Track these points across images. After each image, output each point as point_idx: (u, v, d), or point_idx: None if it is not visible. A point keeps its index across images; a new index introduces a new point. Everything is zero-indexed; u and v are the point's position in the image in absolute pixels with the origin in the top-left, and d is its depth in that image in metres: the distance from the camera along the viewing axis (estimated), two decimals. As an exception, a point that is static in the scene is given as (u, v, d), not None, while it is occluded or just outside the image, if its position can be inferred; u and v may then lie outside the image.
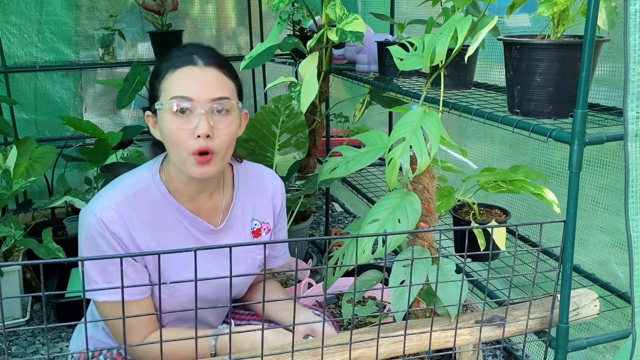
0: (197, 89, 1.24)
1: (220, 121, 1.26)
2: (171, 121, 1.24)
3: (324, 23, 2.00)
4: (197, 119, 1.23)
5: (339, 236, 1.17)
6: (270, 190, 1.49)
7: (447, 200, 1.50)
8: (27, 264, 0.82)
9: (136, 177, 1.34)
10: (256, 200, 1.47)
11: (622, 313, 1.67)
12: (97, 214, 1.24)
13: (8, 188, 2.10)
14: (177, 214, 1.33)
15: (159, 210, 1.31)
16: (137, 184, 1.31)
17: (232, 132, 1.29)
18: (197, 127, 1.22)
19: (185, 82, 1.25)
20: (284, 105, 1.98)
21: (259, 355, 1.04)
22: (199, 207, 1.36)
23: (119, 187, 1.31)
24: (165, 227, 1.32)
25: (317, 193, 2.80)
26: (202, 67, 1.27)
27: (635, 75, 1.00)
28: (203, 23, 3.55)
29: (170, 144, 1.26)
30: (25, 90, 3.15)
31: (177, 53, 1.30)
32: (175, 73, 1.26)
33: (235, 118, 1.29)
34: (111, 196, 1.28)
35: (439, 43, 1.19)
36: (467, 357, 1.30)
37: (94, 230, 1.24)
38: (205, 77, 1.26)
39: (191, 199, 1.35)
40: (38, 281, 2.41)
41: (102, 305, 1.28)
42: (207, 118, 1.23)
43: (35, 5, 3.08)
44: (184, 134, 1.23)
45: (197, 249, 0.89)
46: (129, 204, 1.28)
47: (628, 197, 1.04)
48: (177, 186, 1.33)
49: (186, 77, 1.26)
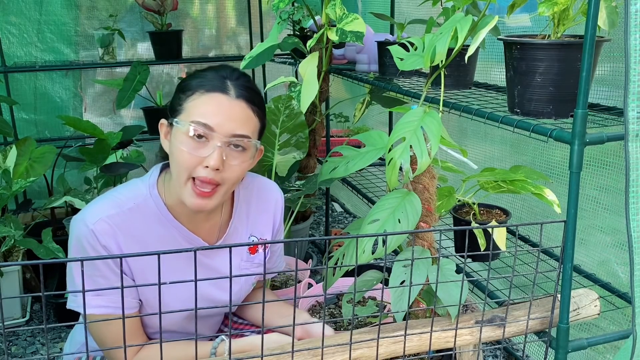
0: (221, 120, 1.19)
1: (234, 157, 1.21)
2: (184, 143, 1.19)
3: (324, 23, 2.00)
4: (211, 150, 1.18)
5: (339, 236, 1.17)
6: (272, 205, 1.45)
7: (448, 200, 1.50)
8: (27, 264, 0.82)
9: (132, 190, 1.29)
10: (256, 216, 1.42)
11: (622, 313, 1.67)
12: (89, 225, 1.20)
13: (8, 188, 2.10)
14: (173, 230, 1.29)
15: (154, 226, 1.27)
16: (133, 198, 1.26)
17: (243, 169, 1.24)
18: (209, 158, 1.17)
19: (210, 110, 1.20)
20: (284, 105, 1.98)
21: (259, 355, 1.03)
22: (196, 224, 1.32)
23: (113, 199, 1.26)
24: (158, 245, 1.27)
25: (317, 193, 2.80)
26: (232, 98, 1.21)
27: (636, 75, 0.99)
28: (203, 23, 3.55)
29: (176, 163, 1.22)
30: (25, 90, 3.15)
31: (210, 74, 1.24)
32: (204, 96, 1.21)
33: (250, 156, 1.25)
34: (104, 208, 1.23)
35: (439, 43, 1.19)
36: (468, 357, 1.30)
37: (85, 240, 1.20)
38: (233, 110, 1.21)
39: (188, 216, 1.30)
40: (38, 281, 2.41)
41: (89, 319, 1.22)
42: (222, 151, 1.18)
43: (35, 5, 3.08)
44: (193, 159, 1.18)
45: (197, 249, 0.89)
46: (122, 217, 1.23)
47: (628, 197, 1.04)
48: (174, 203, 1.28)
49: (213, 104, 1.20)
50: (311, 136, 2.38)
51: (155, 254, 0.84)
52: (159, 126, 1.29)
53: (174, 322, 1.34)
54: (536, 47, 1.21)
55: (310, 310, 1.91)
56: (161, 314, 0.88)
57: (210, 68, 1.27)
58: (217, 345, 1.27)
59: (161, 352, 0.94)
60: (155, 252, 0.84)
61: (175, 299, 1.30)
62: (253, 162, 1.29)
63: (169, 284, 0.88)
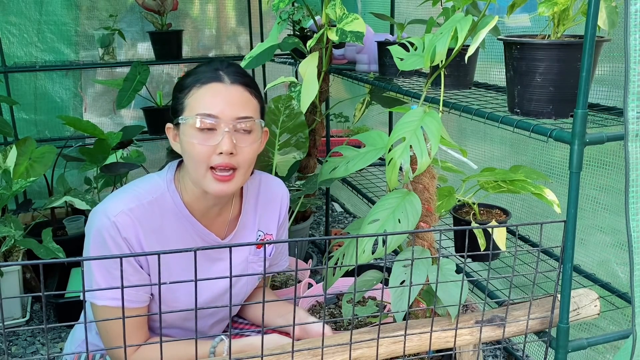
0: (222, 107, 1.24)
1: (243, 139, 1.26)
2: (194, 136, 1.24)
3: (324, 23, 2.00)
4: (220, 136, 1.23)
5: (339, 236, 1.17)
6: (278, 200, 1.50)
7: (447, 200, 1.50)
8: (27, 264, 0.82)
9: (150, 184, 1.33)
10: (263, 211, 1.47)
11: (622, 313, 1.67)
12: (110, 217, 1.23)
13: (8, 188, 2.10)
14: (188, 225, 1.33)
15: (170, 220, 1.31)
16: (151, 192, 1.30)
17: (254, 150, 1.29)
18: (220, 144, 1.22)
19: (210, 99, 1.25)
20: (284, 105, 1.98)
21: (259, 355, 1.04)
22: (210, 220, 1.37)
23: (133, 192, 1.30)
24: (174, 238, 1.32)
25: (317, 193, 2.80)
26: (228, 84, 1.27)
27: (636, 75, 0.99)
28: (203, 23, 3.55)
29: (190, 158, 1.26)
30: (25, 90, 3.15)
31: (202, 69, 1.30)
32: (201, 89, 1.26)
33: (257, 137, 1.30)
34: (125, 201, 1.27)
35: (439, 43, 1.19)
36: (468, 357, 1.30)
37: (106, 232, 1.23)
38: (231, 95, 1.26)
39: (203, 212, 1.35)
40: (38, 281, 2.41)
41: (101, 310, 1.26)
42: (231, 136, 1.23)
43: (35, 5, 3.08)
44: (206, 149, 1.23)
45: (197, 249, 0.89)
46: (142, 211, 1.27)
47: (628, 197, 1.04)
48: (190, 199, 1.33)
49: (212, 94, 1.25)
50: (311, 136, 2.38)
51: (156, 254, 0.84)
52: (166, 131, 1.34)
53: (181, 316, 1.36)
54: (536, 47, 1.21)
55: (310, 310, 1.91)
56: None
57: (201, 64, 1.32)
58: (216, 345, 1.28)
59: (161, 352, 0.94)
60: (156, 252, 0.85)
61: (185, 292, 1.33)
62: (262, 144, 1.35)
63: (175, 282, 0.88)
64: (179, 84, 1.32)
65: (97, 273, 1.24)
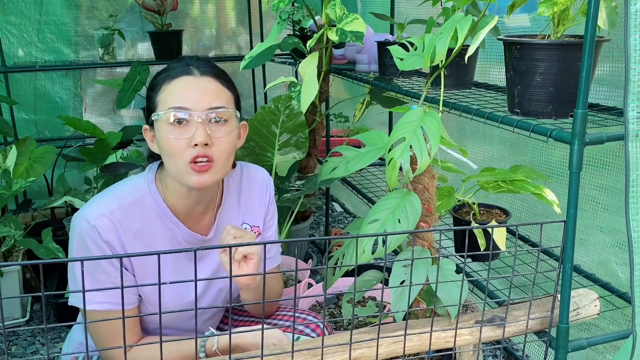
0: (194, 98, 1.23)
1: (218, 130, 1.24)
2: (168, 132, 1.22)
3: (324, 23, 2.00)
4: (194, 128, 1.21)
5: (339, 236, 1.17)
6: (260, 186, 1.48)
7: (447, 200, 1.50)
8: (27, 264, 0.82)
9: (131, 186, 1.31)
10: (247, 202, 1.45)
11: (622, 313, 1.67)
12: (90, 221, 1.22)
13: (8, 188, 2.10)
14: (170, 225, 1.32)
15: (152, 221, 1.30)
16: (132, 194, 1.29)
17: (230, 141, 1.27)
18: (194, 135, 1.21)
19: (181, 92, 1.24)
20: (284, 105, 1.98)
21: (259, 355, 1.04)
22: (193, 220, 1.35)
23: (113, 195, 1.28)
24: (157, 239, 1.31)
25: (317, 193, 2.80)
26: (198, 76, 1.26)
27: (636, 75, 1.00)
28: (203, 23, 3.55)
29: (167, 154, 1.24)
30: (25, 90, 3.15)
31: (172, 65, 1.29)
32: (171, 84, 1.25)
33: (233, 127, 1.28)
34: (105, 203, 1.26)
35: (439, 43, 1.19)
36: (467, 357, 1.30)
37: (87, 237, 1.22)
38: (202, 86, 1.25)
39: (187, 212, 1.33)
40: (38, 281, 2.41)
41: (89, 314, 1.25)
42: (205, 127, 1.22)
43: (35, 5, 3.08)
44: (181, 143, 1.22)
45: (197, 249, 0.89)
46: (123, 213, 1.26)
47: (628, 197, 1.04)
48: (173, 199, 1.31)
49: (182, 86, 1.25)
50: (311, 136, 2.38)
51: (156, 254, 0.84)
52: (143, 133, 1.32)
53: (172, 316, 1.35)
54: (536, 47, 1.21)
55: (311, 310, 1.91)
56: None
57: (171, 62, 1.32)
58: (207, 339, 1.28)
59: (161, 352, 0.94)
60: (156, 252, 0.84)
61: (173, 293, 1.33)
62: (240, 138, 1.34)
63: (169, 283, 0.88)
64: (151, 83, 1.31)
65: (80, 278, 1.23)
